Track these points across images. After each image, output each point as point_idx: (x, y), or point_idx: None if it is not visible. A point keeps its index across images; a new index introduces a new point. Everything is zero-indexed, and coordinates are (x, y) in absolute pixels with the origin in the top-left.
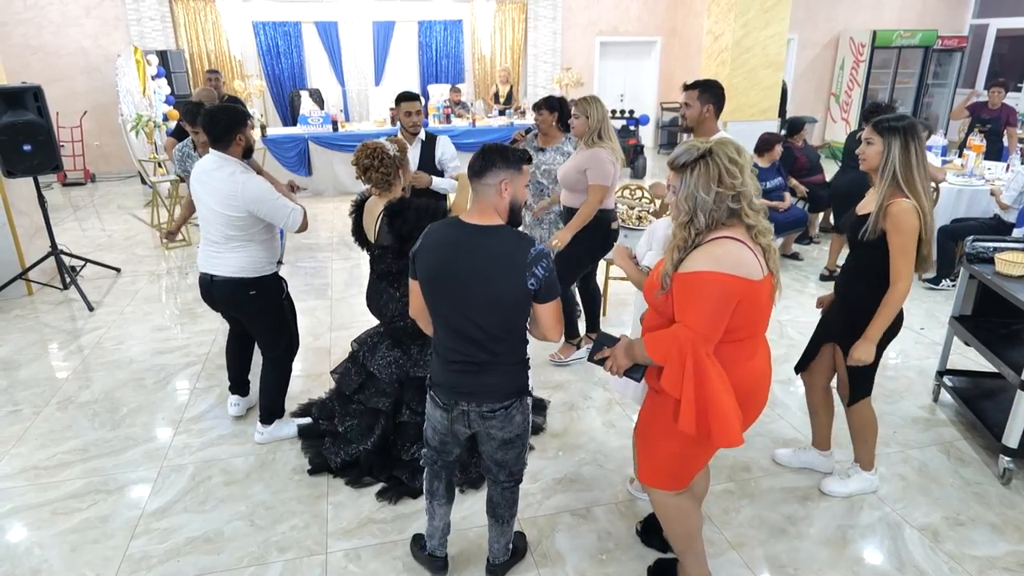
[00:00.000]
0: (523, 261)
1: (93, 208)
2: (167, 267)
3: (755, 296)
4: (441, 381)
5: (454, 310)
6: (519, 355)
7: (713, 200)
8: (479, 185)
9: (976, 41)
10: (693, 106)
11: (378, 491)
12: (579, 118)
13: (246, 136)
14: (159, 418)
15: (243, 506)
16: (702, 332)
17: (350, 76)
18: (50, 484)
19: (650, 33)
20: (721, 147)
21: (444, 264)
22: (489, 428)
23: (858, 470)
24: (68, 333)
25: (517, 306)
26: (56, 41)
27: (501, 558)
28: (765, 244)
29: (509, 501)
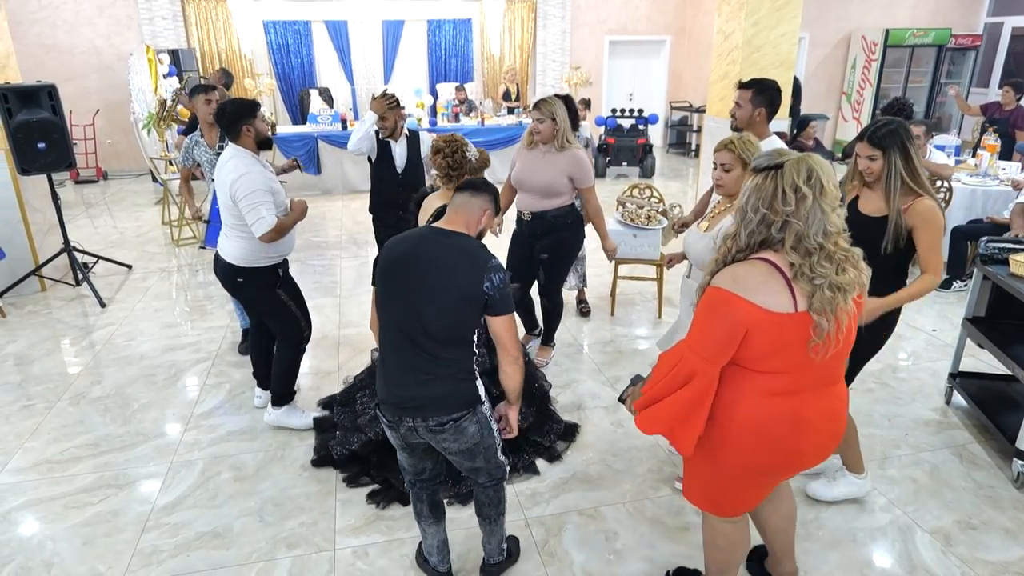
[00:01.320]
0: (482, 264)
1: (105, 205)
2: (177, 264)
3: (774, 329)
4: (384, 397)
5: (405, 305)
6: (467, 366)
7: (758, 221)
8: (468, 200)
9: (991, 40)
10: (744, 107)
11: (369, 492)
12: (545, 121)
13: (255, 127)
14: (169, 414)
15: (252, 502)
16: (699, 350)
17: (359, 75)
18: (62, 478)
19: (659, 32)
20: (793, 167)
21: (406, 254)
22: (441, 442)
23: (845, 473)
24: (80, 329)
25: (469, 305)
26: (70, 40)
27: (496, 558)
28: (809, 288)
29: (493, 500)
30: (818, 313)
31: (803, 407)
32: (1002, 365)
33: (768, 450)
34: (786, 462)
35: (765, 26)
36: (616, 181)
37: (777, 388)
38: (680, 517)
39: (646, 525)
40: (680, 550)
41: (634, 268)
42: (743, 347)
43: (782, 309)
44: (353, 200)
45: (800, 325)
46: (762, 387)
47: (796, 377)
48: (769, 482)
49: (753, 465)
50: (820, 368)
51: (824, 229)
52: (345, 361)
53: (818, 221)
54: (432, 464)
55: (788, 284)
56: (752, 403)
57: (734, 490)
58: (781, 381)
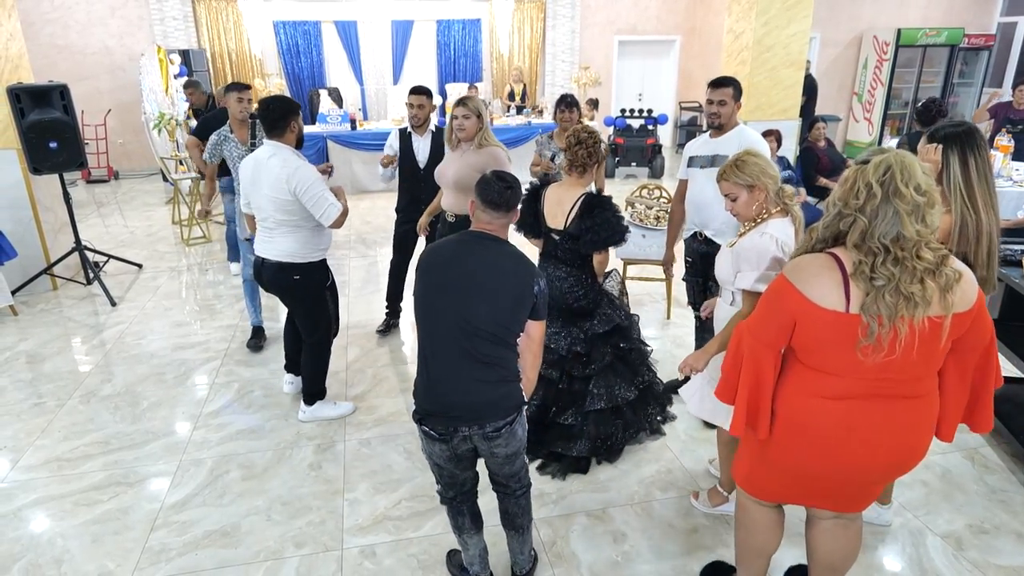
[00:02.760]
0: (530, 267)
1: (116, 205)
2: (187, 263)
3: (822, 324)
4: (434, 409)
5: (455, 308)
6: (514, 368)
7: (833, 215)
8: (502, 217)
9: (1004, 40)
10: (728, 104)
11: (538, 466)
12: (471, 118)
13: (299, 124)
14: (179, 412)
15: (260, 501)
16: (755, 332)
17: (369, 75)
18: (72, 476)
19: (669, 32)
20: (877, 163)
21: (451, 257)
22: (494, 448)
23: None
24: (91, 328)
25: (520, 305)
26: (82, 40)
27: (526, 567)
28: (866, 287)
29: (524, 508)
30: (869, 315)
31: (851, 415)
32: (1015, 368)
33: (811, 451)
34: (831, 467)
35: (776, 26)
36: (625, 181)
37: (830, 391)
38: (689, 519)
39: (654, 527)
40: (688, 552)
41: (643, 268)
42: (795, 336)
43: (831, 306)
44: (362, 200)
45: (850, 326)
46: (816, 389)
47: (849, 382)
48: (824, 488)
49: (796, 461)
50: (882, 379)
51: (897, 233)
52: (353, 361)
53: (888, 222)
54: (473, 474)
55: (845, 282)
56: (803, 403)
57: (770, 478)
58: (832, 383)
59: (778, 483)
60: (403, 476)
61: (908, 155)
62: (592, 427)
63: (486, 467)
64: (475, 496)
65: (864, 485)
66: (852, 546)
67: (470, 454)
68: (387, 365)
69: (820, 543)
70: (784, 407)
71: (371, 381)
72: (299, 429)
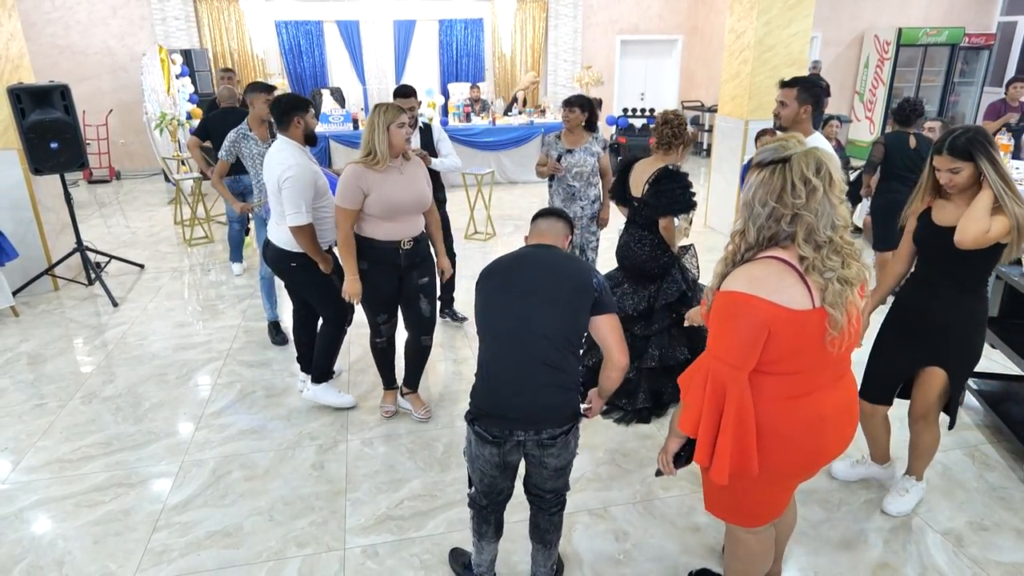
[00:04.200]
0: (586, 266)
1: (118, 205)
2: (189, 264)
3: (796, 328)
4: (491, 410)
5: (519, 310)
6: (575, 375)
7: (766, 216)
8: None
9: (1004, 39)
10: (790, 105)
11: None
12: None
13: (304, 121)
14: (181, 413)
15: (262, 501)
16: (725, 357)
17: (371, 75)
18: (74, 477)
19: (671, 31)
20: (801, 159)
21: (513, 261)
22: (546, 457)
23: (913, 482)
24: (93, 328)
25: (581, 298)
26: (83, 40)
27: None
28: (819, 281)
29: (556, 525)
30: (832, 306)
31: (819, 405)
32: (1015, 366)
33: (792, 453)
34: (810, 461)
35: (777, 25)
36: None
37: (794, 390)
38: (690, 518)
39: (656, 525)
40: (690, 550)
41: None
42: (764, 350)
43: (802, 306)
44: None
45: (818, 321)
46: (779, 392)
47: (811, 377)
48: (794, 484)
49: (778, 470)
50: (833, 364)
51: (832, 222)
52: (356, 360)
53: (827, 214)
54: (510, 486)
55: (803, 280)
56: (771, 409)
57: (759, 497)
58: (796, 382)
59: (764, 502)
60: (406, 476)
61: (818, 148)
62: (644, 383)
63: (528, 481)
64: (504, 507)
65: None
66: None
67: (516, 463)
68: None
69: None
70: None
71: (374, 381)
72: (301, 429)
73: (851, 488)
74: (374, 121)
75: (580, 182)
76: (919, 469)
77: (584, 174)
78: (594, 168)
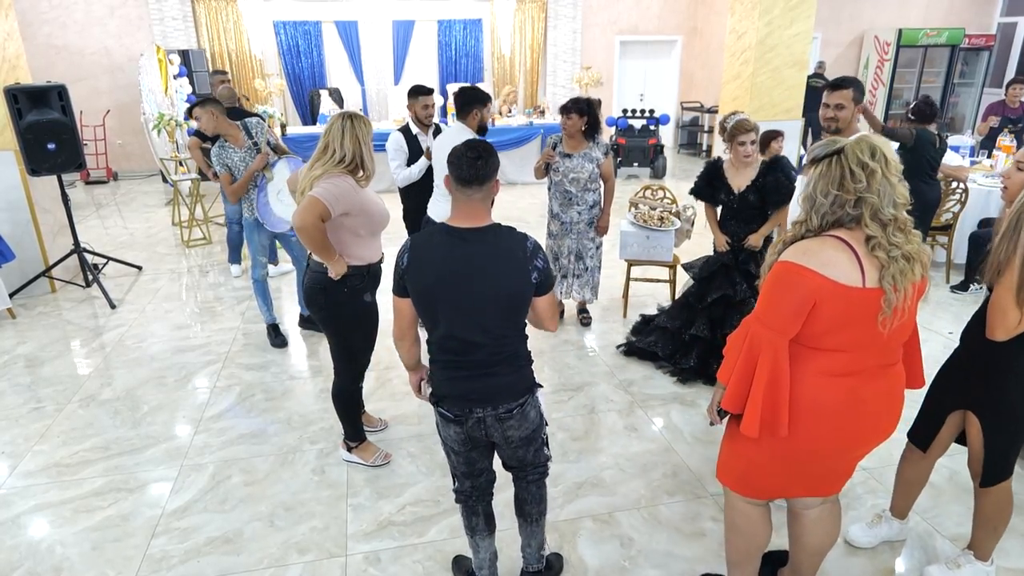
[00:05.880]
0: (524, 256)
1: (115, 206)
2: (188, 265)
3: (842, 303)
4: (449, 392)
5: (459, 316)
6: (523, 352)
7: (830, 204)
8: (477, 192)
9: (1004, 40)
10: (848, 107)
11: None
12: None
13: (481, 114)
14: (179, 416)
15: (263, 506)
16: (768, 322)
17: (369, 75)
18: (72, 482)
19: (670, 32)
20: (855, 147)
21: (448, 271)
22: (507, 430)
23: (971, 559)
24: (90, 331)
25: (523, 301)
26: (80, 41)
27: (535, 565)
28: (884, 259)
29: (537, 497)
30: (892, 283)
31: (861, 387)
32: None
33: (824, 430)
34: (840, 444)
35: (779, 25)
36: (627, 182)
37: (837, 368)
38: (696, 523)
39: (661, 531)
40: (697, 557)
41: (647, 270)
42: (808, 322)
43: (851, 283)
44: None
45: (868, 301)
46: (823, 367)
47: (857, 356)
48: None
49: (805, 445)
50: (881, 348)
51: (894, 201)
52: None
53: (888, 194)
54: (488, 465)
55: (857, 259)
56: (811, 384)
57: (773, 472)
58: (841, 360)
59: (777, 475)
60: (407, 481)
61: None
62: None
63: (502, 456)
64: (490, 496)
65: (856, 459)
66: (837, 525)
67: (484, 440)
68: (389, 367)
69: (810, 532)
70: (792, 392)
71: (373, 384)
72: (302, 433)
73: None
74: (357, 134)
75: (577, 187)
76: (981, 544)
77: (581, 180)
78: (592, 174)
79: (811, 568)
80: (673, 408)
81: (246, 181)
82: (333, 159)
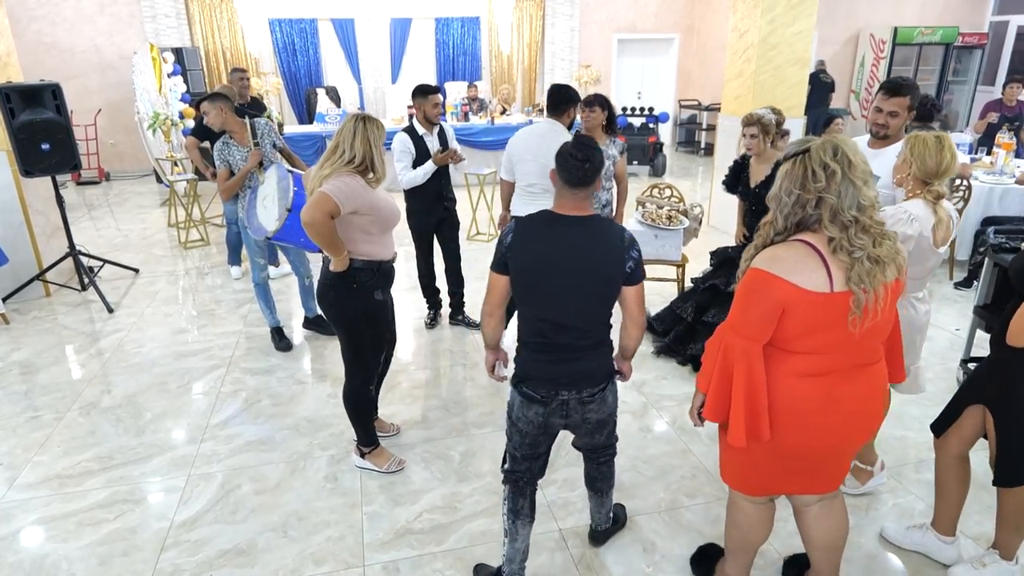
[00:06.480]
0: (622, 245)
1: (108, 207)
2: (185, 267)
3: (811, 309)
4: (538, 374)
5: (555, 297)
6: (608, 340)
7: (792, 204)
8: (583, 191)
9: (996, 38)
10: (901, 115)
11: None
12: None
13: (573, 113)
14: (184, 424)
15: (275, 516)
16: (740, 329)
17: (367, 74)
18: (75, 494)
19: (668, 30)
20: (819, 147)
21: (550, 253)
22: (587, 413)
23: (996, 558)
24: (87, 335)
25: (615, 287)
26: (70, 38)
27: (603, 525)
28: (846, 261)
29: (607, 475)
30: (857, 285)
31: (836, 387)
32: None
33: (804, 430)
34: (822, 444)
35: (781, 23)
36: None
37: (811, 369)
38: (718, 526)
39: (683, 535)
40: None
41: (654, 269)
42: (780, 326)
43: (818, 288)
44: None
45: (836, 305)
46: (796, 368)
47: (831, 357)
48: (805, 467)
49: (789, 446)
50: (856, 348)
51: (858, 203)
52: None
53: (851, 195)
54: (548, 450)
55: (825, 264)
56: (785, 384)
57: (766, 470)
58: (815, 361)
59: (771, 473)
60: (423, 487)
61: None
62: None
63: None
64: (536, 484)
65: (845, 457)
66: (842, 521)
67: (559, 425)
68: (399, 371)
69: (814, 528)
70: (769, 394)
71: (383, 388)
72: (311, 439)
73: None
74: (368, 136)
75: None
76: (1005, 543)
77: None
78: (608, 172)
79: (829, 566)
80: (687, 408)
81: (240, 179)
82: (343, 159)
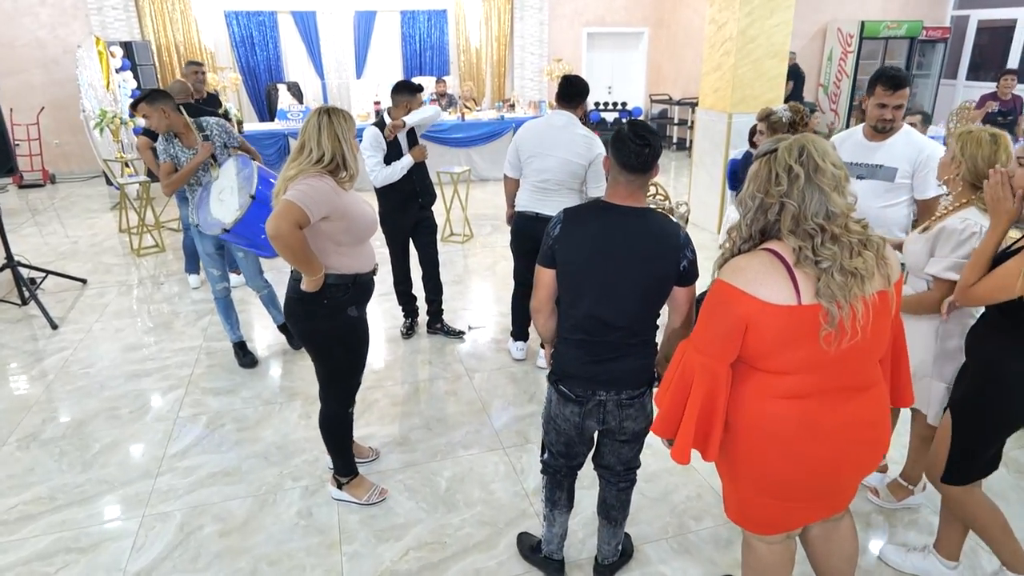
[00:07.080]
0: (677, 244)
1: (54, 212)
2: (139, 276)
3: (778, 322)
4: (577, 372)
5: (604, 293)
6: (653, 343)
7: (755, 208)
8: (640, 178)
9: (957, 32)
10: (904, 107)
11: None
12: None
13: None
14: (138, 455)
15: (243, 562)
16: (700, 346)
17: (330, 68)
18: (10, 544)
19: (637, 24)
20: (786, 147)
21: (601, 245)
22: (625, 419)
23: (932, 552)
24: (29, 355)
25: (666, 286)
26: (9, 32)
27: (611, 559)
28: (814, 273)
29: (624, 503)
30: (827, 299)
31: (817, 411)
32: None
33: (792, 460)
34: (806, 477)
35: (759, 16)
36: None
37: (787, 391)
38: (731, 551)
39: (695, 565)
40: None
41: None
42: (746, 343)
43: (782, 301)
44: None
45: (805, 319)
46: (769, 389)
47: (808, 378)
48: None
49: (769, 476)
50: (840, 369)
51: (826, 211)
52: None
53: (816, 201)
54: (585, 451)
55: (791, 275)
56: (756, 405)
57: (760, 505)
58: (791, 383)
59: (768, 505)
60: (407, 520)
61: (812, 135)
62: None
63: (601, 452)
64: (577, 474)
65: (839, 483)
66: (849, 542)
67: (593, 430)
68: (374, 386)
69: (817, 549)
70: (743, 417)
71: (359, 407)
72: (281, 469)
73: None
74: (336, 131)
75: None
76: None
77: None
78: None
79: None
80: None
81: (188, 172)
82: (310, 159)
